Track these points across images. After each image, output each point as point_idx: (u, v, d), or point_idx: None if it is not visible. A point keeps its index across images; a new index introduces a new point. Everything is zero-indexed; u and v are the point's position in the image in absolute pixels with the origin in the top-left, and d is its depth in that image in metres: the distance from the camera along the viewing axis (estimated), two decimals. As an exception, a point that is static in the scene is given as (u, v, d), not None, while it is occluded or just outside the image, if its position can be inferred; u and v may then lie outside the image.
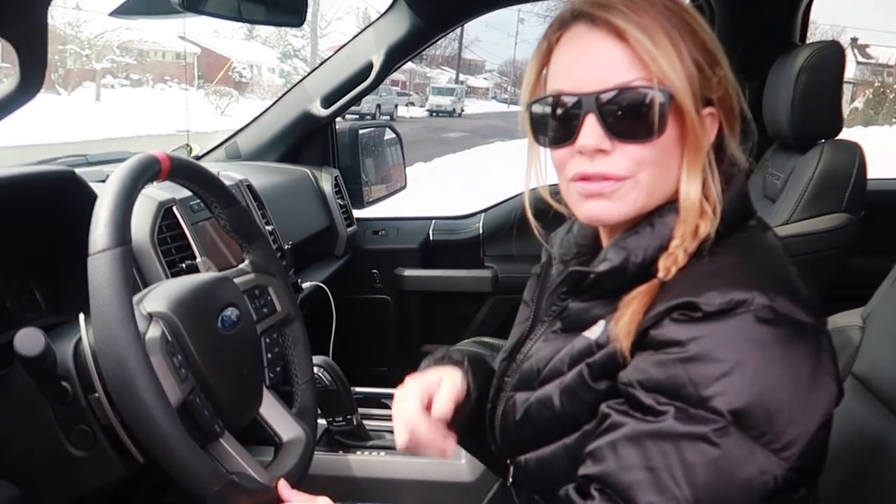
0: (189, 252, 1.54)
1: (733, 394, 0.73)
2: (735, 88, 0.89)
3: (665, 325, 0.78)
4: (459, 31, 39.69)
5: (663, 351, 0.77)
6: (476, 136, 21.48)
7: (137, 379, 0.87)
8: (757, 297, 0.75)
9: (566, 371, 0.88)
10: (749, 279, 0.78)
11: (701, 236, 0.83)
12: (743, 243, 0.86)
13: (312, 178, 2.42)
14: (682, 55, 0.83)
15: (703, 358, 0.74)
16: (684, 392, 0.75)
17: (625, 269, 0.86)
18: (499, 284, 2.60)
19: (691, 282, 0.80)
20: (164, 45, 34.67)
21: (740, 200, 0.89)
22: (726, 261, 0.82)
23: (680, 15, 0.85)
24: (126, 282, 0.90)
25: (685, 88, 0.82)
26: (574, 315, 0.93)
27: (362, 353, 2.66)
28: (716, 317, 0.75)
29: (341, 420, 1.52)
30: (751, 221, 0.90)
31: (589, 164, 0.85)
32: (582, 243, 1.02)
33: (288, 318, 1.28)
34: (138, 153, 1.04)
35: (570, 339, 0.91)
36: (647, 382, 0.77)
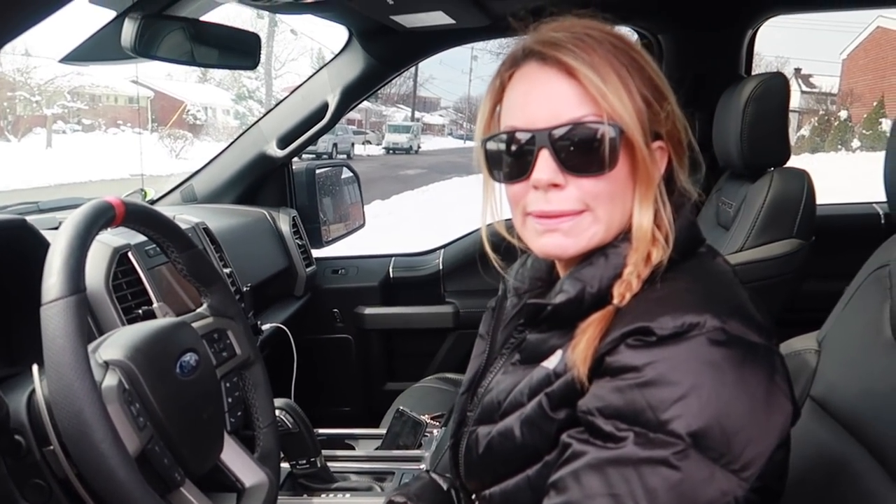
0: (146, 298, 1.52)
1: (691, 416, 0.74)
2: (682, 122, 0.91)
3: (621, 352, 0.79)
4: (414, 69, 40.05)
5: (620, 377, 0.78)
6: (433, 172, 21.57)
7: (94, 429, 0.85)
8: (709, 320, 0.76)
9: (526, 402, 0.89)
10: (701, 303, 0.79)
11: (654, 263, 0.85)
12: (694, 269, 0.88)
13: (270, 219, 2.41)
14: (630, 91, 0.85)
15: (660, 382, 0.75)
16: (643, 417, 0.75)
17: (581, 299, 0.87)
18: (460, 319, 2.61)
19: (645, 307, 0.81)
20: (117, 90, 34.38)
21: (690, 229, 0.91)
22: (678, 286, 0.84)
23: (627, 53, 0.87)
24: (80, 331, 0.88)
25: (634, 123, 0.84)
26: (532, 346, 0.94)
27: (324, 393, 2.64)
28: (670, 340, 0.76)
29: (305, 463, 1.50)
30: (701, 249, 0.92)
31: (544, 201, 0.87)
32: (536, 276, 1.03)
33: (248, 361, 1.26)
34: (92, 199, 1.03)
35: (528, 370, 0.92)
36: (606, 409, 0.78)
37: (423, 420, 1.72)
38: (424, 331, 2.66)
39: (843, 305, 1.28)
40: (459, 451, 1.03)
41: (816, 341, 1.29)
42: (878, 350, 1.09)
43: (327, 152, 25.25)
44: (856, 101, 26.10)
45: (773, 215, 1.96)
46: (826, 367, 1.24)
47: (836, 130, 25.10)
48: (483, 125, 0.95)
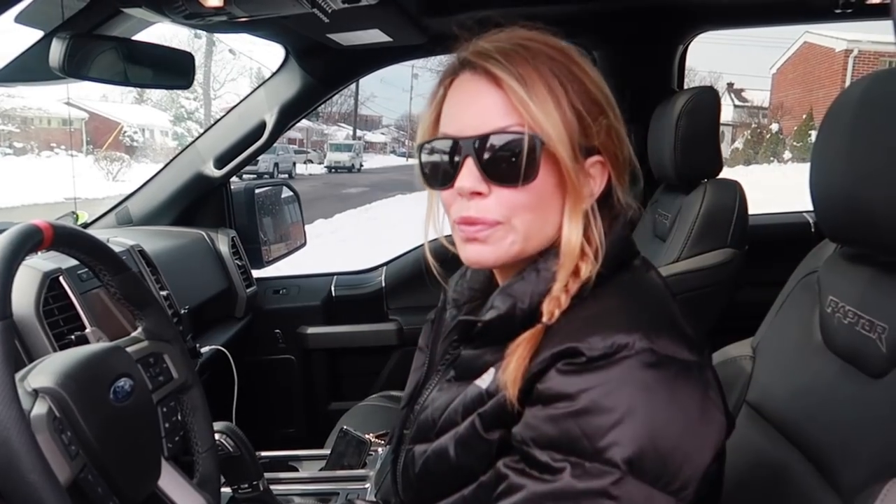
0: (78, 323, 1.48)
1: (626, 442, 0.73)
2: (621, 137, 0.91)
3: (552, 378, 0.78)
4: (354, 87, 40.05)
5: (553, 405, 0.77)
6: (376, 190, 21.54)
7: (22, 460, 0.82)
8: (638, 340, 0.76)
9: (460, 421, 0.89)
10: (630, 321, 0.79)
11: (582, 278, 0.85)
12: (625, 284, 0.88)
13: (208, 239, 2.38)
14: (559, 103, 0.85)
15: (594, 410, 0.75)
16: (578, 446, 0.75)
17: (512, 316, 0.87)
18: (404, 336, 2.60)
19: (574, 325, 0.81)
20: (50, 112, 33.59)
21: (621, 242, 0.90)
22: (608, 303, 0.83)
23: (565, 65, 0.87)
24: (7, 358, 0.85)
25: (560, 136, 0.84)
26: (466, 363, 0.94)
27: (267, 415, 2.61)
28: (600, 363, 0.76)
29: (247, 487, 1.47)
30: (635, 261, 0.92)
31: (466, 206, 0.87)
32: (475, 287, 1.03)
33: (185, 385, 1.24)
34: (20, 223, 1.00)
35: (463, 387, 0.91)
36: (541, 439, 0.78)
37: (367, 439, 1.71)
38: (368, 349, 2.64)
39: (775, 311, 1.31)
40: (397, 469, 1.02)
41: (751, 347, 1.32)
42: (809, 354, 1.12)
43: (268, 172, 25.05)
44: (786, 114, 26.86)
45: (707, 225, 2.01)
46: (761, 373, 1.27)
47: (768, 143, 25.77)
48: (425, 133, 0.95)
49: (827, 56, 23.82)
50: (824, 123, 1.05)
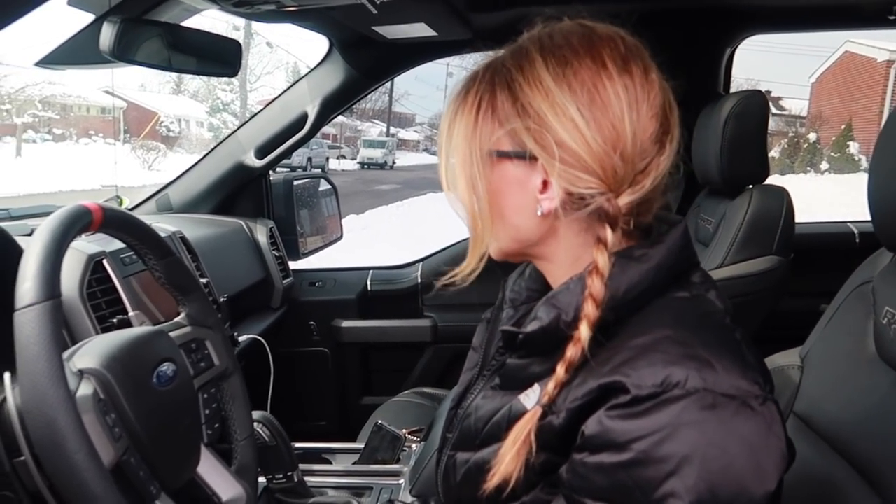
0: (120, 307, 1.49)
1: (683, 493, 0.69)
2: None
3: (598, 422, 0.74)
4: (389, 84, 40.19)
5: (601, 454, 0.73)
6: (408, 187, 21.57)
7: (68, 440, 0.82)
8: (691, 379, 0.71)
9: (503, 437, 0.84)
10: (683, 355, 0.73)
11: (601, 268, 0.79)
12: (681, 307, 0.82)
13: (247, 229, 2.38)
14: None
15: (645, 461, 0.70)
16: (632, 498, 0.71)
17: (555, 328, 0.81)
18: (438, 334, 2.59)
19: (624, 356, 0.75)
20: (89, 100, 34.07)
21: (683, 250, 0.85)
22: (660, 332, 0.77)
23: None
24: (55, 337, 0.85)
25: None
26: (511, 372, 0.90)
27: (300, 407, 2.61)
28: (649, 407, 0.71)
29: (281, 477, 1.46)
30: (694, 276, 0.86)
31: None
32: (533, 287, 0.99)
33: (226, 372, 1.24)
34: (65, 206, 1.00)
35: (507, 397, 0.88)
36: (591, 489, 0.74)
37: (401, 434, 1.70)
38: (402, 344, 2.63)
39: (826, 321, 1.28)
40: (439, 473, 1.00)
41: (799, 357, 1.29)
42: (862, 366, 1.09)
43: (302, 166, 25.16)
44: (824, 124, 26.49)
45: (752, 232, 1.97)
46: (810, 384, 1.24)
47: (805, 153, 25.45)
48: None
49: (868, 66, 23.43)
50: (884, 133, 1.03)
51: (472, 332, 1.10)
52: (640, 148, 0.80)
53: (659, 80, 0.83)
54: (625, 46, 0.82)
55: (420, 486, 1.43)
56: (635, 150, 0.79)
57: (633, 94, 0.80)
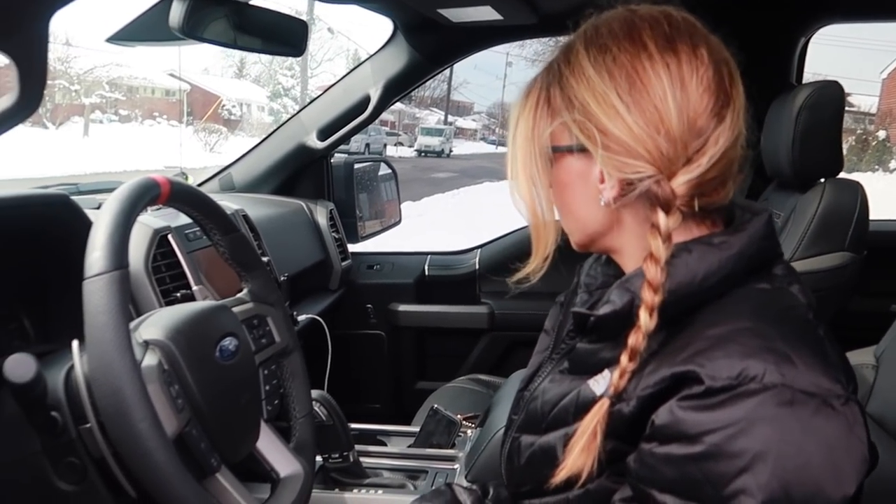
0: (184, 281, 1.51)
1: (755, 490, 0.66)
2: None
3: (669, 412, 0.72)
4: (449, 72, 40.17)
5: (670, 445, 0.71)
6: (464, 176, 21.57)
7: (133, 409, 0.83)
8: (769, 374, 0.69)
9: (571, 422, 0.84)
10: (762, 348, 0.71)
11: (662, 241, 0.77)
12: (761, 298, 0.79)
13: (307, 210, 2.40)
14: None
15: (717, 455, 0.68)
16: (701, 492, 0.69)
17: (628, 313, 0.79)
18: (495, 321, 2.57)
19: (699, 346, 0.73)
20: (154, 82, 34.81)
21: (765, 240, 0.81)
22: (739, 323, 0.74)
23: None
24: (123, 307, 0.86)
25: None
26: (581, 356, 0.88)
27: (356, 389, 2.62)
28: (723, 399, 0.69)
29: (337, 456, 1.47)
30: (777, 268, 0.83)
31: None
32: (610, 273, 0.97)
33: (287, 349, 1.24)
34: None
35: (576, 382, 0.86)
36: (659, 480, 0.72)
37: (457, 420, 1.69)
38: (458, 330, 2.62)
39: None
40: (503, 454, 0.99)
41: (874, 356, 1.24)
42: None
43: (359, 152, 25.33)
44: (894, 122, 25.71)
45: (824, 227, 1.90)
46: (884, 384, 1.20)
47: (873, 150, 24.75)
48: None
49: (943, 62, 22.62)
50: None
51: (529, 321, 1.09)
52: (689, 126, 0.77)
53: (713, 55, 0.80)
54: (669, 25, 0.80)
55: (476, 471, 1.42)
56: (683, 128, 0.77)
57: (676, 72, 0.78)
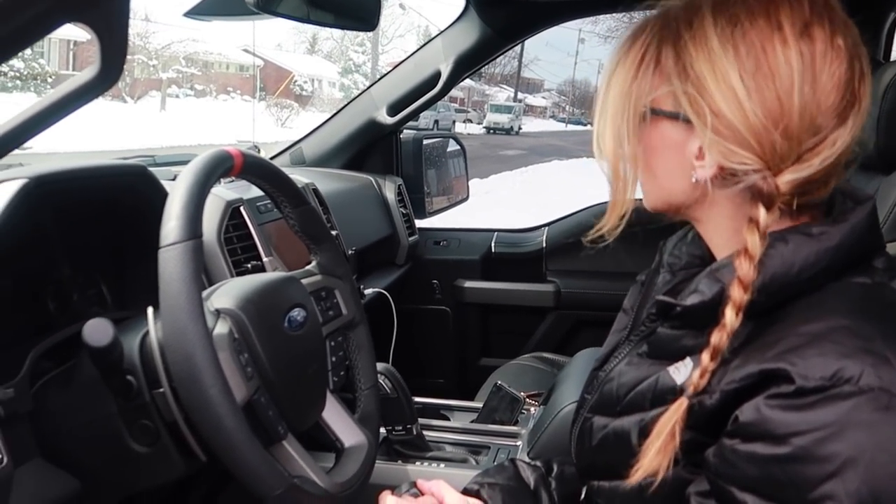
0: (254, 252, 1.53)
1: (843, 496, 0.63)
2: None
3: (756, 410, 0.68)
4: (519, 48, 39.80)
5: (755, 443, 0.68)
6: (533, 154, 21.45)
7: (204, 375, 0.85)
8: (866, 376, 0.65)
9: (647, 408, 0.81)
10: (860, 348, 0.66)
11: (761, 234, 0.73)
12: (860, 294, 0.74)
13: (376, 185, 2.41)
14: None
15: (805, 458, 0.65)
16: (784, 494, 0.66)
17: (717, 304, 0.74)
18: (561, 299, 2.54)
19: (792, 342, 0.69)
20: (229, 57, 35.40)
21: (868, 232, 0.76)
22: (835, 321, 0.70)
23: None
24: (196, 276, 0.88)
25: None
26: (662, 342, 0.85)
27: (420, 363, 2.64)
28: (814, 400, 0.65)
29: (401, 429, 1.49)
30: (877, 262, 0.77)
31: None
32: (695, 253, 0.93)
33: (353, 321, 1.25)
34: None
35: (654, 367, 0.83)
36: (740, 479, 0.69)
37: (520, 396, 1.69)
38: (523, 308, 2.61)
39: None
40: (574, 433, 0.97)
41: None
42: None
43: (428, 128, 25.33)
44: None
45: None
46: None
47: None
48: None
49: None
50: None
51: (596, 300, 1.07)
52: (809, 124, 0.72)
53: (849, 46, 0.74)
54: (810, 6, 0.73)
55: (538, 449, 1.42)
56: (803, 126, 0.72)
57: (809, 62, 0.72)
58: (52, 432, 1.01)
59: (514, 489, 1.01)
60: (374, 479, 1.19)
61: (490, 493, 0.99)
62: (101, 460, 1.00)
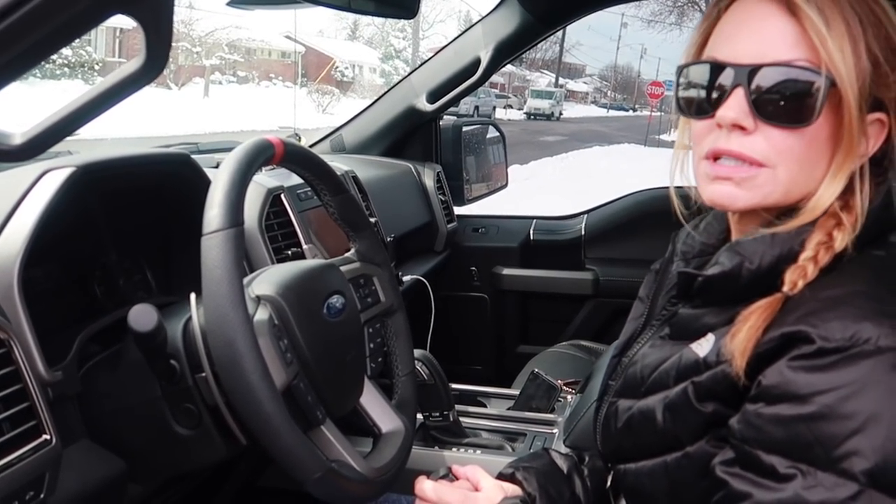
0: (294, 240, 1.55)
1: (868, 452, 0.66)
2: None
3: (779, 373, 0.71)
4: (561, 33, 39.49)
5: (780, 405, 0.71)
6: (574, 140, 21.31)
7: (245, 360, 0.87)
8: (884, 337, 0.68)
9: (671, 385, 0.83)
10: (877, 311, 0.70)
11: (836, 249, 0.76)
12: (878, 264, 0.78)
13: (415, 172, 2.42)
14: (856, 44, 0.75)
15: (829, 416, 0.68)
16: (810, 453, 0.68)
17: (737, 275, 0.79)
18: (599, 287, 2.54)
19: (812, 306, 0.72)
20: (271, 44, 35.62)
21: (884, 210, 0.80)
22: (854, 286, 0.74)
23: (867, 2, 0.77)
24: (238, 263, 0.90)
25: (852, 80, 0.74)
26: (684, 322, 0.87)
27: (457, 350, 2.65)
28: (835, 361, 0.68)
29: (438, 415, 1.50)
30: (892, 236, 0.81)
31: (726, 139, 0.79)
32: (707, 242, 0.94)
33: (391, 308, 1.27)
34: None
35: (677, 347, 0.85)
36: (766, 441, 0.71)
37: (557, 385, 1.69)
38: (561, 296, 2.61)
39: None
40: (599, 419, 0.99)
41: None
42: None
43: (468, 114, 25.29)
44: None
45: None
46: None
47: None
48: (687, 56, 0.87)
49: None
50: None
51: (635, 288, 1.07)
52: None
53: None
54: None
55: (574, 437, 1.42)
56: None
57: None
58: (99, 414, 1.04)
59: (548, 472, 1.03)
60: (411, 464, 1.20)
61: (525, 475, 1.01)
62: (146, 442, 1.03)
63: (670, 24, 29.40)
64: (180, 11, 29.82)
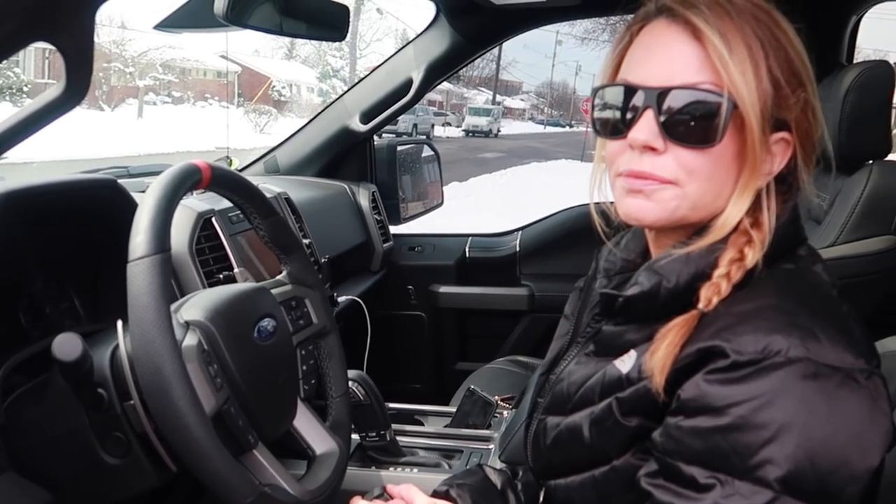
0: (226, 263, 1.55)
1: (781, 460, 0.69)
2: (818, 115, 0.84)
3: (696, 386, 0.74)
4: (497, 51, 39.88)
5: (697, 418, 0.73)
6: (512, 156, 21.50)
7: (173, 387, 0.86)
8: (794, 348, 0.71)
9: (597, 401, 0.86)
10: (787, 323, 0.73)
11: (747, 265, 0.79)
12: (786, 278, 0.81)
13: (350, 193, 2.43)
14: (758, 67, 0.78)
15: (743, 427, 0.70)
16: (727, 463, 0.71)
17: (656, 294, 0.82)
18: (535, 303, 2.57)
19: (726, 322, 0.75)
20: (206, 64, 35.19)
21: (791, 225, 0.84)
22: (764, 300, 0.77)
23: (769, 28, 0.80)
24: (164, 288, 0.89)
25: (753, 101, 0.77)
26: (607, 339, 0.90)
27: (395, 369, 2.65)
28: (748, 373, 0.71)
29: (374, 435, 1.50)
30: (800, 250, 0.85)
31: (638, 160, 0.82)
32: (628, 259, 0.98)
33: (324, 330, 1.27)
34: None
35: (602, 363, 0.88)
36: (686, 453, 0.74)
37: (493, 401, 1.71)
38: (498, 312, 2.64)
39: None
40: (528, 437, 1.01)
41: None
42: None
43: (407, 132, 25.33)
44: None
45: (870, 210, 1.87)
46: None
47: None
48: (603, 79, 0.89)
49: None
50: None
51: (569, 303, 1.10)
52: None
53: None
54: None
55: (509, 452, 1.44)
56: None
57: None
58: (25, 446, 1.01)
59: (482, 488, 1.05)
60: (348, 485, 1.21)
61: (459, 492, 1.02)
62: (74, 473, 1.01)
63: (603, 42, 29.91)
64: (112, 31, 29.35)
